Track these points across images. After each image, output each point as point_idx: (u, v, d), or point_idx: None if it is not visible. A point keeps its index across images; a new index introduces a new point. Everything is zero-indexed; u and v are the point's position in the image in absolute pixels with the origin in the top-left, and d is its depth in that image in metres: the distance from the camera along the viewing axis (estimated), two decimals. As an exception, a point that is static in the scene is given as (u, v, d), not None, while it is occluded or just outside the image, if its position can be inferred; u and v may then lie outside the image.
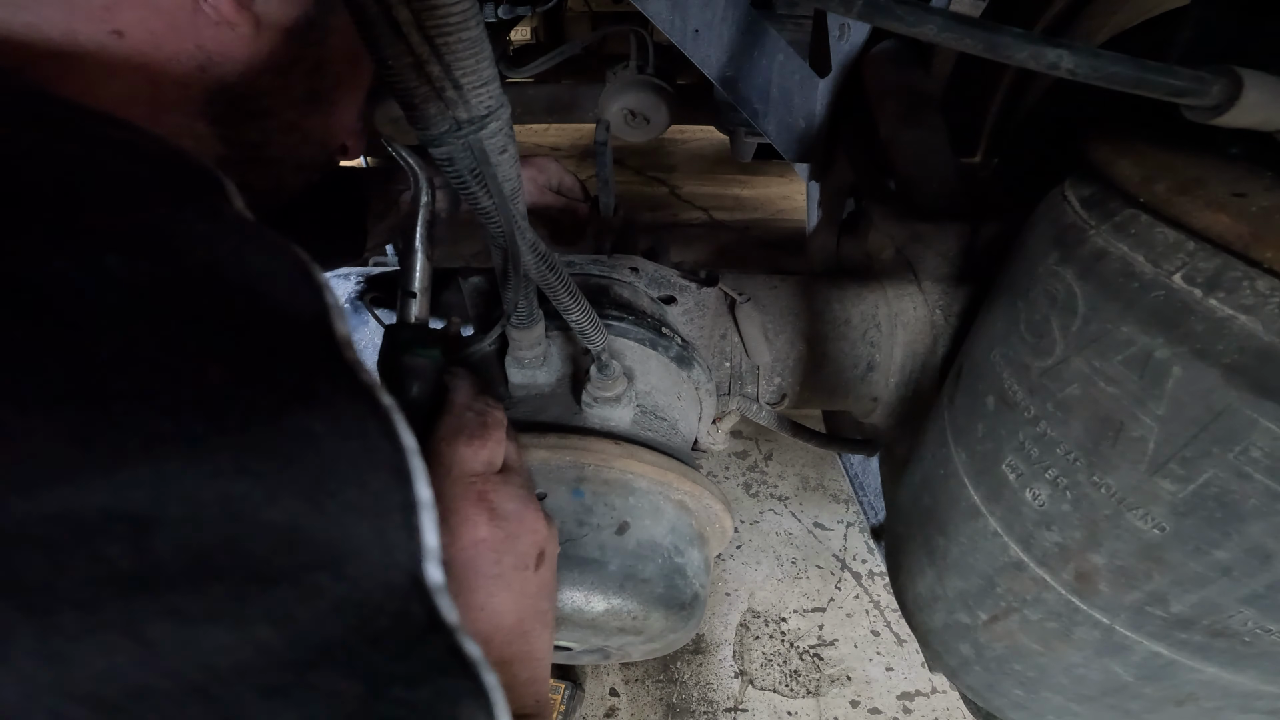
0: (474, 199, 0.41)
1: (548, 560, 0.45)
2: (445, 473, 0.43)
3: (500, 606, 0.41)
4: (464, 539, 0.41)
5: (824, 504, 1.63)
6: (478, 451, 0.44)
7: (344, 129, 0.56)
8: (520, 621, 0.42)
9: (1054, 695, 0.64)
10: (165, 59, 0.38)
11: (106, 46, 0.35)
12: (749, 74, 1.31)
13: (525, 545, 0.43)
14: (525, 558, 0.43)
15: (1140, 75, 0.44)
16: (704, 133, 3.85)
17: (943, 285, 0.85)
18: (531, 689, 0.42)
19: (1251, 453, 0.41)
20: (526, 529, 0.44)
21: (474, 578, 0.41)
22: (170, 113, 0.41)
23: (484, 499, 0.43)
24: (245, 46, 0.41)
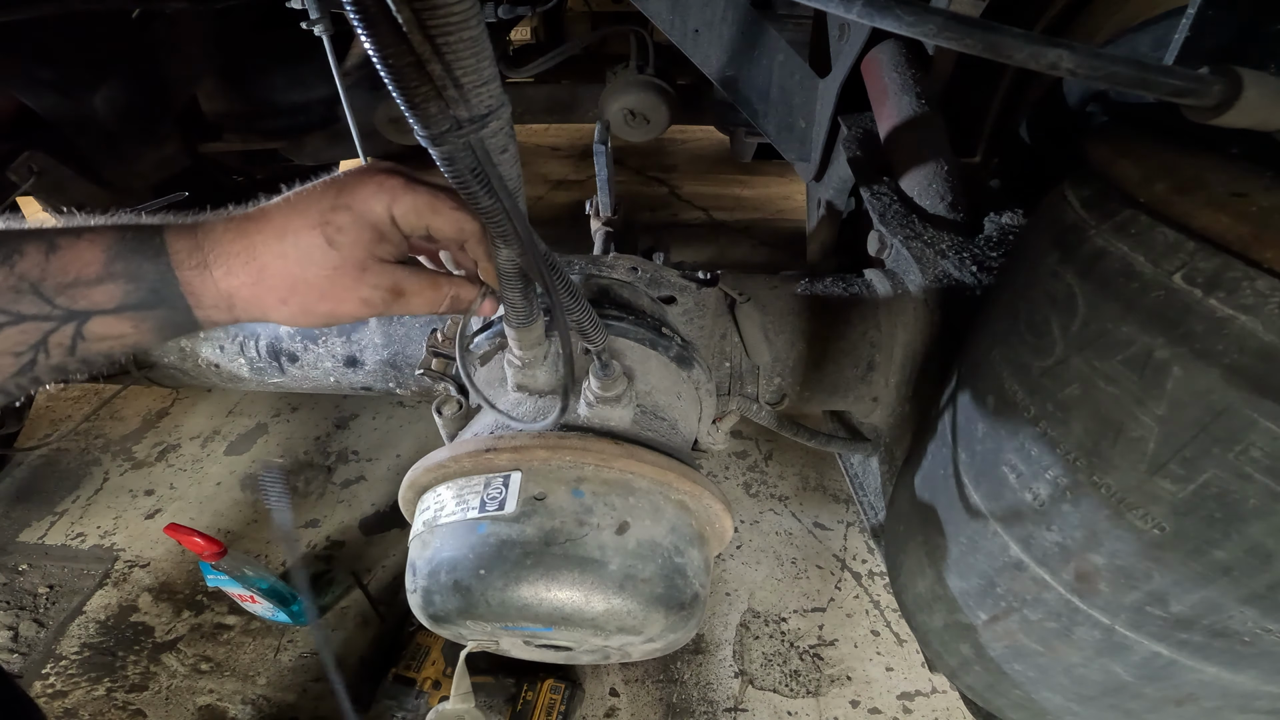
0: (474, 198, 0.41)
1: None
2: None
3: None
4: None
5: (824, 504, 1.63)
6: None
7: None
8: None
9: (1054, 695, 0.64)
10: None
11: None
12: (749, 74, 1.31)
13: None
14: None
15: (1140, 75, 0.44)
16: (704, 133, 3.85)
17: (942, 285, 0.85)
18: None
19: (1251, 453, 0.41)
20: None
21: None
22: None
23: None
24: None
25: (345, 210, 0.44)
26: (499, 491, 0.60)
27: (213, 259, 0.43)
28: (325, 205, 0.44)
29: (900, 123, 1.03)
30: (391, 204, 0.45)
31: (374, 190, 0.45)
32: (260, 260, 0.44)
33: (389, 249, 0.47)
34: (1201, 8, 0.52)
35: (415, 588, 0.62)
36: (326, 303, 0.46)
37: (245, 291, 0.44)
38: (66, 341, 0.42)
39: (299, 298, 0.45)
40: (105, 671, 1.30)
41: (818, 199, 1.36)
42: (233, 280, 0.44)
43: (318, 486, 1.71)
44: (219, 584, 1.29)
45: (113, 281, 0.41)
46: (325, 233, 0.44)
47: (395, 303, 0.48)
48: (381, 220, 0.46)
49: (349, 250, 0.45)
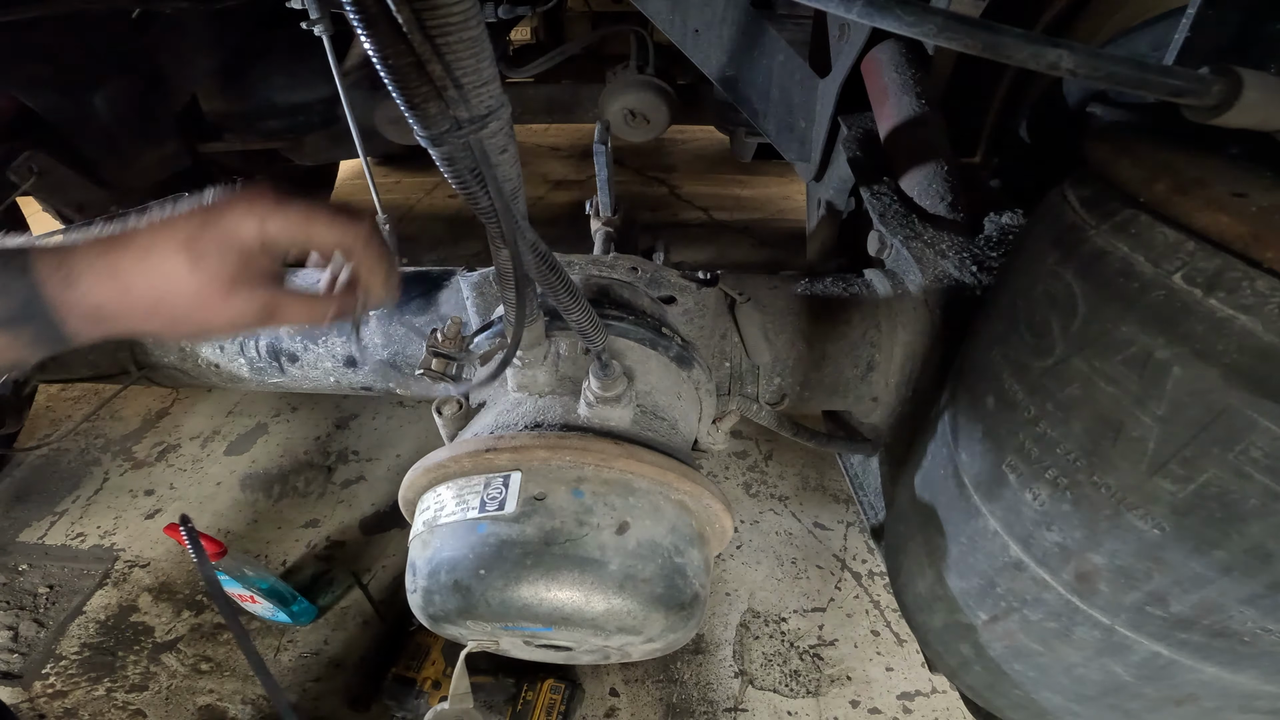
0: (474, 198, 0.41)
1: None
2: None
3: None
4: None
5: (824, 504, 1.63)
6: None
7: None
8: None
9: (1054, 695, 0.64)
10: None
11: None
12: (749, 74, 1.31)
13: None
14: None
15: (1140, 75, 0.44)
16: (704, 133, 3.85)
17: (943, 285, 0.85)
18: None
19: (1251, 453, 0.41)
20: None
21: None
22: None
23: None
24: None
25: (211, 232, 0.45)
26: (499, 491, 0.60)
27: (76, 274, 0.44)
28: (191, 226, 0.45)
29: (900, 123, 1.03)
30: (262, 224, 0.46)
31: (243, 212, 0.45)
32: (124, 279, 0.45)
33: (258, 269, 0.47)
34: (1201, 8, 0.52)
35: (415, 588, 0.62)
36: (194, 320, 0.47)
37: (111, 306, 0.45)
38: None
39: (165, 312, 0.46)
40: (105, 671, 1.30)
41: (818, 199, 1.36)
42: (98, 295, 0.44)
43: (318, 486, 1.71)
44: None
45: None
46: (189, 254, 0.44)
47: (268, 319, 0.49)
48: (250, 242, 0.46)
49: (214, 271, 0.45)
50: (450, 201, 3.28)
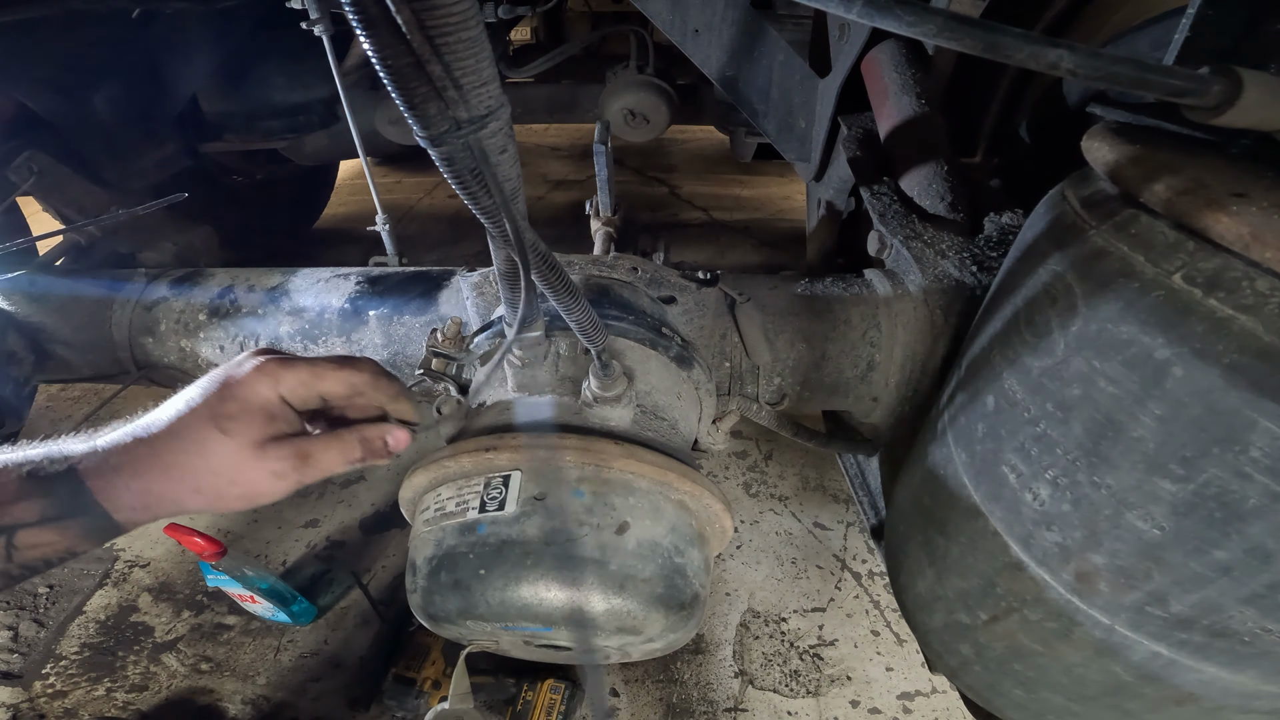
0: (474, 198, 0.41)
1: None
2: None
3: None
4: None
5: (824, 504, 1.63)
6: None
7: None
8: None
9: (1054, 695, 0.64)
10: None
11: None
12: (749, 74, 1.31)
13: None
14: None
15: (1140, 75, 0.44)
16: (704, 133, 3.85)
17: (942, 285, 0.85)
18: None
19: (1251, 453, 0.41)
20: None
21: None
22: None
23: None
24: None
25: (232, 400, 0.49)
26: (499, 491, 0.60)
27: (117, 464, 0.47)
28: (214, 400, 0.49)
29: (900, 123, 1.03)
30: (276, 384, 0.50)
31: (256, 376, 0.49)
32: (163, 459, 0.48)
33: (282, 425, 0.51)
34: (1201, 8, 0.52)
35: (415, 588, 0.62)
36: (237, 486, 0.49)
37: (155, 488, 0.48)
38: (2, 551, 0.47)
39: (209, 486, 0.49)
40: (105, 671, 1.30)
41: (818, 199, 1.36)
42: (141, 480, 0.48)
43: (318, 486, 1.71)
44: (219, 584, 1.29)
45: (28, 499, 0.46)
46: (217, 424, 0.48)
47: (305, 467, 0.51)
48: (270, 402, 0.50)
49: (243, 434, 0.48)
50: (450, 201, 3.28)
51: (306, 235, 2.92)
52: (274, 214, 2.62)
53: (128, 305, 1.04)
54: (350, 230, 3.03)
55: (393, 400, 0.55)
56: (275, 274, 1.05)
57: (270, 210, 2.59)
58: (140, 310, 1.04)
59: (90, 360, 1.09)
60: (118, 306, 1.04)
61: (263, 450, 0.49)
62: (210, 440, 0.48)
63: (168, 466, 0.48)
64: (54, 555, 0.49)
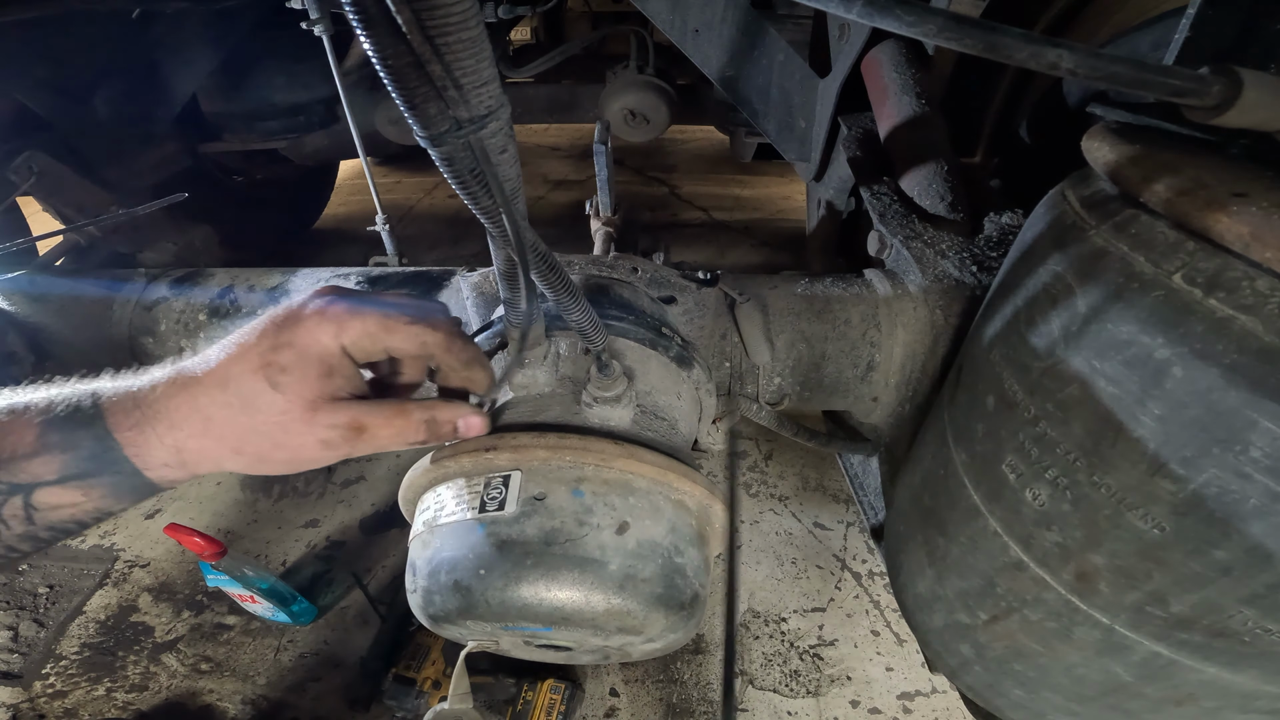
0: (474, 198, 0.41)
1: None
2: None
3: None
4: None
5: (824, 504, 1.63)
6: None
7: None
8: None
9: (1054, 695, 0.64)
10: None
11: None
12: (749, 74, 1.31)
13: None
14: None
15: (1140, 75, 0.44)
16: (704, 133, 3.85)
17: (943, 285, 0.85)
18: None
19: (1251, 453, 0.41)
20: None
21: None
22: None
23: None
24: None
25: (287, 348, 0.42)
26: (499, 491, 0.59)
27: (152, 415, 0.42)
28: (265, 346, 0.42)
29: (900, 123, 1.03)
30: (339, 333, 0.43)
31: (317, 321, 0.43)
32: (204, 411, 0.42)
33: (341, 384, 0.44)
34: (1201, 8, 0.52)
35: (415, 588, 0.62)
36: (282, 451, 0.44)
37: (192, 444, 0.42)
38: (20, 513, 0.41)
39: (252, 447, 0.43)
40: (105, 671, 1.30)
41: (818, 199, 1.36)
42: (177, 434, 0.42)
43: (318, 486, 1.71)
44: (219, 584, 1.29)
45: (48, 453, 0.40)
46: (267, 375, 0.42)
47: (359, 440, 0.45)
48: (329, 353, 0.43)
49: (295, 391, 0.42)
50: (450, 201, 3.28)
51: (306, 235, 2.92)
52: (274, 214, 2.62)
53: (128, 305, 1.04)
54: (350, 230, 3.03)
55: (466, 368, 0.48)
56: (275, 274, 1.05)
57: (270, 210, 2.59)
58: (140, 310, 1.04)
59: (90, 360, 1.09)
60: (118, 306, 1.05)
61: (315, 413, 0.43)
62: (259, 396, 0.41)
63: (208, 420, 0.42)
64: (84, 516, 0.43)
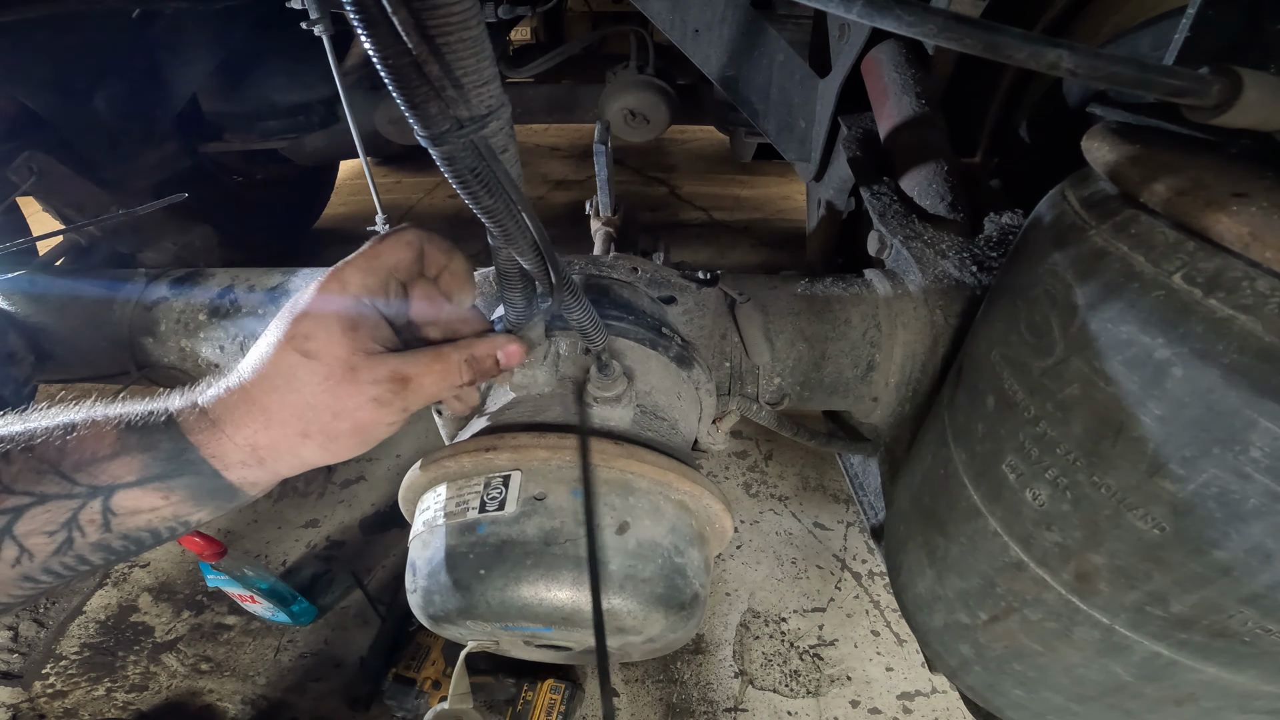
0: (475, 198, 0.41)
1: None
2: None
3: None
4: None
5: (824, 504, 1.63)
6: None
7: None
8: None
9: (1054, 695, 0.64)
10: None
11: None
12: (749, 74, 1.31)
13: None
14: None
15: (1140, 75, 0.44)
16: (704, 133, 3.85)
17: (943, 285, 0.85)
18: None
19: (1251, 453, 0.41)
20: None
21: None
22: None
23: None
24: None
25: (303, 318, 0.43)
26: (499, 491, 0.59)
27: (217, 416, 0.43)
28: (284, 324, 0.44)
29: (900, 123, 1.03)
30: (344, 286, 0.45)
31: (321, 286, 0.45)
32: (259, 402, 0.43)
33: (368, 334, 0.45)
34: (1201, 8, 0.52)
35: (415, 588, 0.62)
36: (343, 420, 0.44)
37: (261, 439, 0.43)
38: (97, 518, 0.41)
39: (315, 426, 0.44)
40: (105, 671, 1.30)
41: (818, 199, 1.36)
42: (245, 430, 0.43)
43: (318, 486, 1.71)
44: (219, 584, 1.29)
45: (128, 454, 0.41)
46: (296, 346, 0.43)
47: (407, 393, 0.46)
48: (345, 307, 0.44)
49: (327, 352, 0.43)
50: (450, 201, 3.28)
51: (306, 235, 2.92)
52: (274, 214, 2.62)
53: (128, 305, 1.04)
54: (350, 230, 3.03)
55: (447, 255, 0.50)
56: (275, 274, 1.05)
57: (270, 210, 2.59)
58: (140, 310, 1.04)
59: (90, 360, 1.09)
60: (117, 306, 1.04)
61: (355, 371, 0.43)
62: (297, 368, 0.42)
63: (266, 410, 0.43)
64: (161, 525, 0.43)
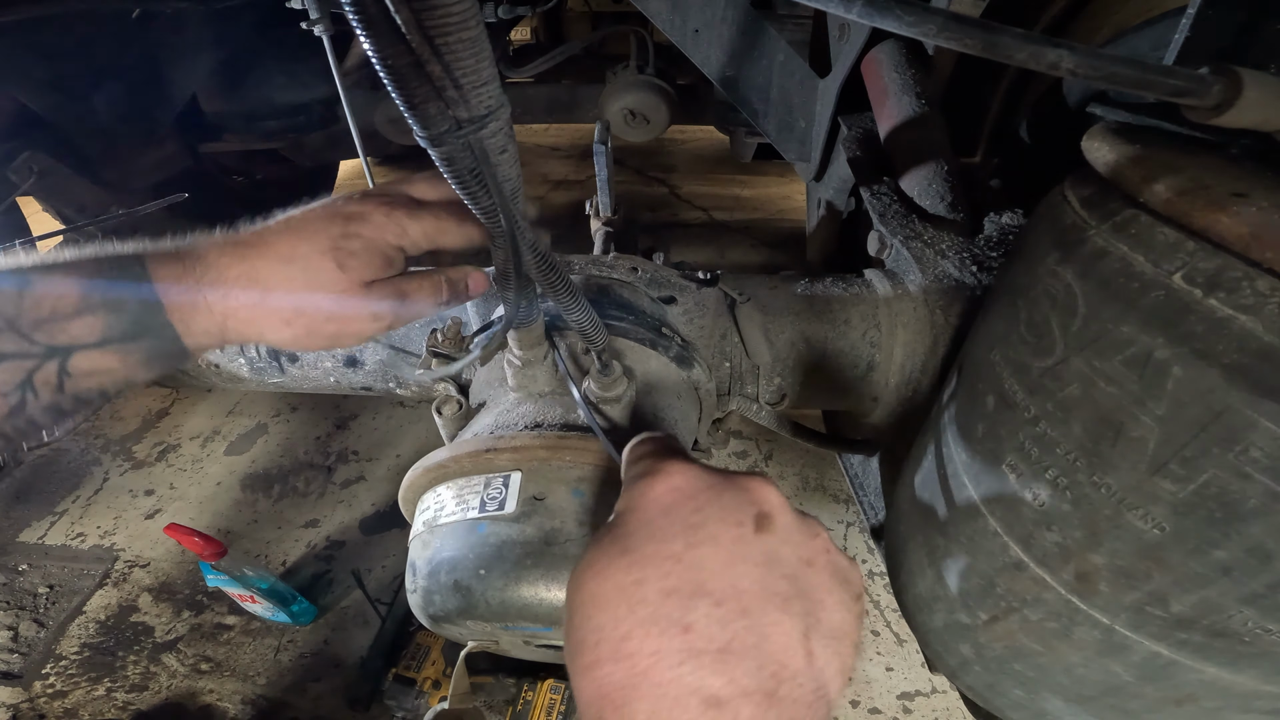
0: (474, 198, 0.41)
1: (777, 529, 0.38)
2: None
3: (702, 560, 0.35)
4: (658, 487, 0.40)
5: (824, 504, 1.63)
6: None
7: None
8: (735, 590, 0.33)
9: (1054, 695, 0.64)
10: None
11: None
12: (749, 74, 1.31)
13: (732, 499, 0.39)
14: (734, 511, 0.38)
15: (1141, 75, 0.44)
16: (704, 133, 3.85)
17: (943, 285, 0.85)
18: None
19: (1251, 453, 0.41)
20: (736, 486, 0.40)
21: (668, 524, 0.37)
22: None
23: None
24: None
25: (357, 239, 0.46)
26: (499, 491, 0.60)
27: (207, 283, 0.43)
28: (336, 233, 0.46)
29: (900, 123, 1.03)
30: (402, 235, 0.48)
31: (383, 219, 0.47)
32: (264, 284, 0.44)
33: (393, 271, 0.49)
34: (1201, 8, 0.52)
35: (415, 588, 0.62)
36: (333, 323, 0.47)
37: (244, 313, 0.44)
38: (53, 380, 0.40)
39: (305, 319, 0.46)
40: (105, 671, 1.30)
41: (818, 199, 1.36)
42: (230, 303, 0.43)
43: (318, 486, 1.71)
44: (219, 584, 1.29)
45: (92, 314, 0.39)
46: (337, 258, 0.45)
47: (403, 308, 0.49)
48: (391, 248, 0.48)
49: (358, 273, 0.46)
50: (450, 201, 3.28)
51: (306, 235, 2.92)
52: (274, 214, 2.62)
53: (128, 305, 1.04)
54: (350, 230, 3.02)
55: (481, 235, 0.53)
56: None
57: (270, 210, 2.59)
58: (140, 310, 1.04)
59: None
60: (118, 306, 1.04)
61: (370, 290, 0.47)
62: (324, 273, 0.45)
63: (266, 291, 0.44)
64: (111, 385, 0.42)
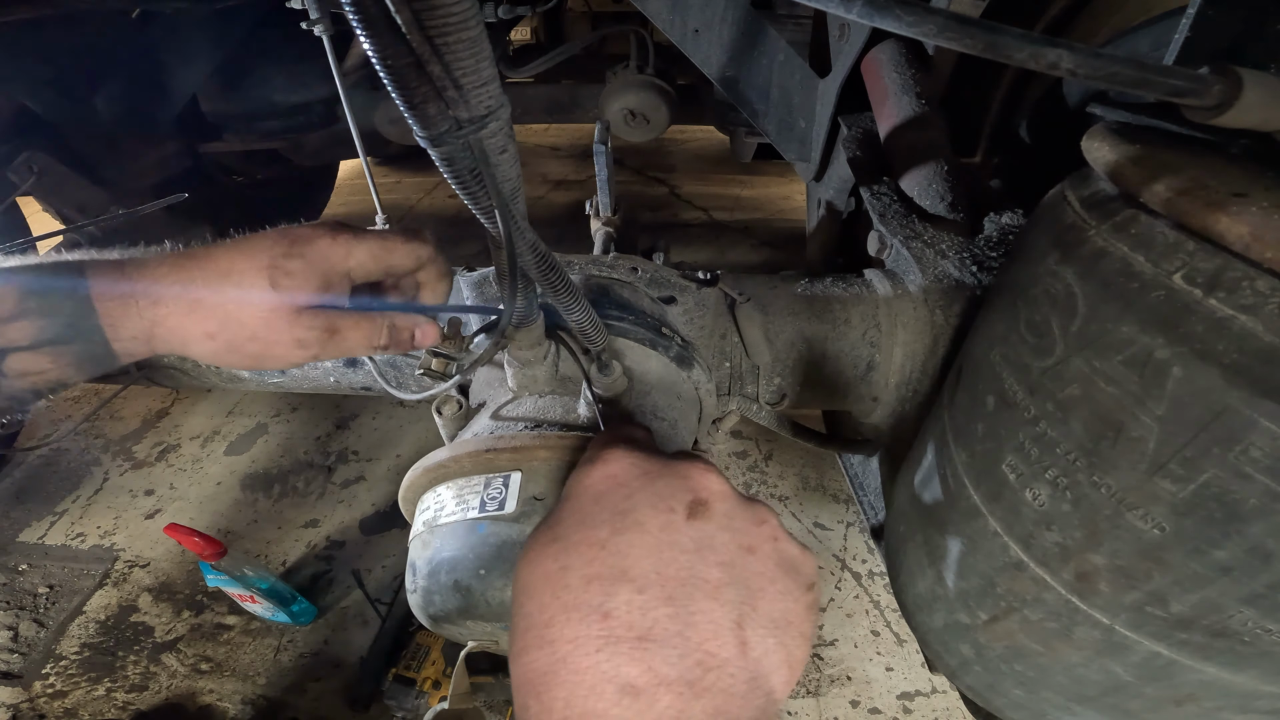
0: (474, 198, 0.41)
1: (714, 515, 0.39)
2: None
3: (626, 547, 0.36)
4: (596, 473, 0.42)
5: (824, 504, 1.63)
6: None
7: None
8: (661, 576, 0.35)
9: (1054, 695, 0.64)
10: None
11: None
12: (749, 74, 1.31)
13: (665, 486, 0.40)
14: (666, 498, 0.39)
15: (1141, 75, 0.44)
16: (704, 133, 3.85)
17: (942, 285, 0.85)
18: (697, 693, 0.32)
19: (1251, 453, 0.41)
20: (672, 472, 0.41)
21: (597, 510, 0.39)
22: None
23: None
24: None
25: (298, 258, 0.45)
26: (499, 491, 0.59)
27: (140, 290, 0.44)
28: (278, 251, 0.45)
29: (900, 123, 1.03)
30: (347, 256, 0.47)
31: (329, 243, 0.47)
32: (195, 293, 0.44)
33: (329, 299, 0.48)
34: (1201, 8, 0.52)
35: (415, 588, 0.62)
36: (255, 344, 0.46)
37: (171, 321, 0.44)
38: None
39: (227, 335, 0.45)
40: (105, 671, 1.30)
41: (818, 199, 1.36)
42: (159, 310, 0.44)
43: (318, 486, 1.71)
44: (219, 584, 1.29)
45: (26, 318, 0.41)
46: (272, 276, 0.44)
47: (330, 342, 0.48)
48: (334, 272, 0.47)
49: (290, 294, 0.45)
50: (450, 201, 3.28)
51: (306, 235, 2.92)
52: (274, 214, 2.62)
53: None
54: (350, 230, 3.02)
55: (440, 280, 0.54)
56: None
57: (270, 210, 2.59)
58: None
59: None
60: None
61: (299, 316, 0.46)
62: (255, 289, 0.44)
63: (196, 302, 0.44)
64: (43, 385, 0.44)
